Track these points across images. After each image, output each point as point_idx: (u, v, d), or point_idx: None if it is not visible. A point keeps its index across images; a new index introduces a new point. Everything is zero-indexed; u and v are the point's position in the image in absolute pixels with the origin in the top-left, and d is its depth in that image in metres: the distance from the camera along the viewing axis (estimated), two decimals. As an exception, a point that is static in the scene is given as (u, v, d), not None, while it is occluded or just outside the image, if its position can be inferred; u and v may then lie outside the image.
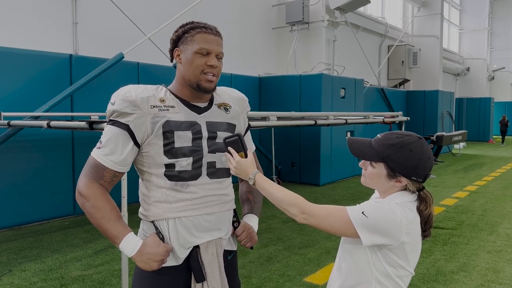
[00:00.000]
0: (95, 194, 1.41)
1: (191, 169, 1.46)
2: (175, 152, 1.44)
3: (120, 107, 1.42)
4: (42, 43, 5.82)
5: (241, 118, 1.65)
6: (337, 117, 6.08)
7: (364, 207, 1.33)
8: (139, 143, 1.44)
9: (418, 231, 1.36)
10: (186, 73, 1.48)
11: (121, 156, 1.43)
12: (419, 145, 1.36)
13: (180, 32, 1.49)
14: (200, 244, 1.48)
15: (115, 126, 1.43)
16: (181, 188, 1.46)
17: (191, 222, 1.47)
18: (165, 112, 1.45)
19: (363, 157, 1.42)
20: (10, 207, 5.18)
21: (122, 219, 1.43)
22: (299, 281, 3.63)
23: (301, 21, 9.98)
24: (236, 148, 1.48)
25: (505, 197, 7.19)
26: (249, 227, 1.65)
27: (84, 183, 1.42)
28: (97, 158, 1.43)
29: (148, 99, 1.44)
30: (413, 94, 14.37)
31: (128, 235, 1.40)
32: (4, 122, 4.52)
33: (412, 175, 1.35)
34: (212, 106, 1.56)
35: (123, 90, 1.46)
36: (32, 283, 3.56)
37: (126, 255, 1.41)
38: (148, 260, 1.38)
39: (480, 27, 22.76)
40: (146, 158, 1.47)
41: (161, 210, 1.46)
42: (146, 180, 1.50)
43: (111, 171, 1.44)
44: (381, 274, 1.35)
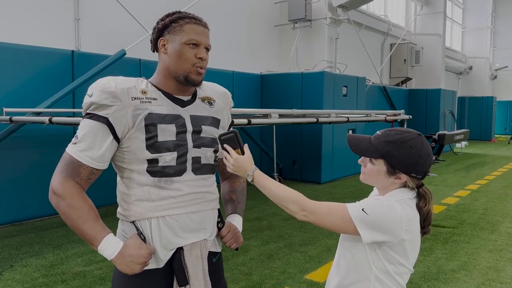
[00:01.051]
0: (70, 192, 1.32)
1: (175, 164, 1.39)
2: (158, 147, 1.36)
3: (99, 98, 1.33)
4: (44, 39, 5.82)
5: (224, 113, 1.59)
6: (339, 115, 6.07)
7: (364, 204, 1.33)
8: (119, 137, 1.36)
9: (418, 228, 1.37)
10: (172, 64, 1.40)
11: (99, 152, 1.34)
12: (419, 142, 1.36)
13: (167, 21, 1.42)
14: (184, 245, 1.41)
15: (93, 119, 1.34)
16: (165, 185, 1.38)
17: (176, 221, 1.39)
18: (147, 104, 1.37)
19: (362, 153, 1.42)
20: (11, 202, 5.19)
21: (100, 220, 1.35)
22: (299, 279, 3.63)
23: (304, 18, 9.96)
24: (232, 145, 1.43)
25: (507, 196, 7.17)
26: (234, 227, 1.59)
27: (58, 181, 1.32)
28: (73, 154, 1.34)
29: (129, 91, 1.36)
30: (415, 92, 14.34)
31: (107, 237, 1.32)
32: (6, 118, 4.53)
33: (412, 171, 1.35)
34: (195, 99, 1.50)
35: (101, 81, 1.37)
36: (33, 279, 3.57)
37: (106, 257, 1.33)
38: (129, 263, 1.30)
39: (483, 26, 22.67)
40: (127, 154, 1.38)
41: (143, 209, 1.37)
42: (126, 178, 1.41)
43: (88, 168, 1.34)
44: (380, 271, 1.35)
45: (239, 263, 3.96)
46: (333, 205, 1.35)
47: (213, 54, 8.93)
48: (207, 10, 7.94)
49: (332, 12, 10.24)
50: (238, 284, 3.49)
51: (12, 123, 4.76)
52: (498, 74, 24.24)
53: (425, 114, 13.88)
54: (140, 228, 1.39)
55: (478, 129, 19.44)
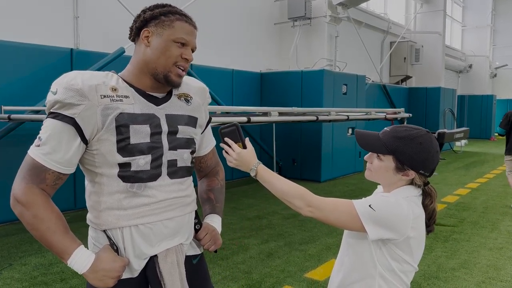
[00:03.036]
0: (36, 201, 1.21)
1: (149, 169, 1.29)
2: (131, 149, 1.26)
3: (64, 96, 1.21)
4: (43, 37, 5.80)
5: (202, 110, 1.48)
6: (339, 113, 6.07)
7: (371, 201, 1.31)
8: (87, 139, 1.24)
9: (423, 226, 1.36)
10: (153, 59, 1.30)
11: (66, 155, 1.23)
12: (428, 138, 1.36)
13: (157, 13, 1.31)
14: (158, 253, 1.33)
15: (58, 119, 1.22)
16: (138, 190, 1.28)
17: (150, 229, 1.30)
18: (117, 103, 1.25)
19: (371, 149, 1.40)
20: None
21: (69, 231, 1.26)
22: (299, 277, 3.62)
23: (303, 16, 9.94)
24: (233, 138, 1.37)
25: (507, 195, 7.17)
26: (212, 229, 1.50)
27: (21, 189, 1.21)
28: (36, 158, 1.22)
29: (98, 88, 1.24)
30: (415, 91, 14.33)
31: (77, 250, 1.23)
32: (5, 116, 4.52)
33: (421, 168, 1.35)
34: (171, 97, 1.38)
35: (67, 76, 1.26)
36: (33, 277, 3.56)
37: (77, 271, 1.24)
38: (102, 277, 1.23)
39: (483, 24, 22.65)
40: (96, 157, 1.27)
41: (114, 218, 1.28)
42: (95, 183, 1.31)
43: (54, 173, 1.24)
44: (385, 269, 1.34)
45: (239, 261, 3.95)
46: (340, 201, 1.34)
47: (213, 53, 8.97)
48: (206, 8, 7.92)
49: (332, 10, 10.22)
50: (238, 283, 3.48)
51: (10, 121, 4.75)
52: (498, 73, 24.22)
53: (425, 113, 13.87)
54: (112, 238, 1.30)
55: (478, 127, 19.43)
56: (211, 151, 1.61)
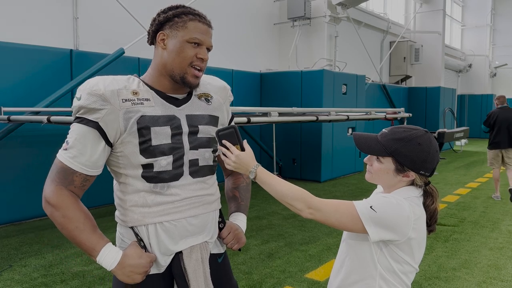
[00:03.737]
0: (65, 202, 1.26)
1: (171, 169, 1.32)
2: (152, 151, 1.29)
3: (87, 102, 1.25)
4: (43, 38, 5.79)
5: (223, 109, 1.50)
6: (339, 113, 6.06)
7: (372, 202, 1.30)
8: (111, 142, 1.29)
9: (424, 227, 1.35)
10: (170, 61, 1.32)
11: (91, 158, 1.27)
12: (426, 139, 1.35)
13: (170, 15, 1.34)
14: (183, 250, 1.35)
15: (83, 124, 1.26)
16: (161, 190, 1.32)
17: (174, 226, 1.34)
18: (139, 106, 1.29)
19: (370, 152, 1.39)
20: (10, 202, 5.17)
21: (97, 229, 1.30)
22: (300, 277, 3.62)
23: (303, 16, 9.93)
24: (231, 140, 1.35)
25: (507, 194, 7.16)
26: (235, 227, 1.52)
27: (51, 190, 1.26)
28: (64, 161, 1.27)
29: (119, 92, 1.28)
30: (415, 90, 14.33)
31: (105, 247, 1.27)
32: (4, 117, 4.51)
33: (421, 169, 1.34)
34: (191, 97, 1.41)
35: (90, 82, 1.30)
36: (33, 279, 3.55)
37: (105, 268, 1.28)
38: (130, 273, 1.26)
39: (482, 24, 22.64)
40: (121, 159, 1.31)
41: (139, 215, 1.32)
42: (121, 183, 1.35)
43: (81, 175, 1.28)
44: (386, 269, 1.33)
45: (239, 262, 3.95)
46: (340, 202, 1.33)
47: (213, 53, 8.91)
48: (206, 8, 7.89)
49: (331, 10, 10.21)
50: (238, 283, 3.47)
51: (10, 123, 4.74)
52: (497, 72, 24.22)
53: (424, 112, 13.87)
54: (139, 234, 1.34)
55: (478, 127, 19.38)
56: None
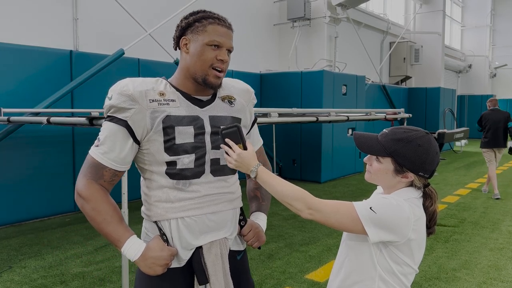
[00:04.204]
0: (95, 195, 1.34)
1: (193, 167, 1.39)
2: (176, 149, 1.36)
3: (118, 101, 1.33)
4: (43, 39, 5.79)
5: (246, 111, 1.56)
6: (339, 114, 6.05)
7: (372, 203, 1.30)
8: (139, 139, 1.37)
9: (424, 228, 1.35)
10: (192, 65, 1.39)
11: (120, 154, 1.35)
12: (426, 140, 1.34)
13: (191, 20, 1.39)
14: (203, 244, 1.41)
15: (113, 122, 1.35)
16: (183, 187, 1.39)
17: (194, 222, 1.40)
18: (165, 106, 1.36)
19: (370, 152, 1.39)
20: (10, 203, 5.17)
21: (123, 222, 1.37)
22: (300, 278, 3.61)
23: (303, 17, 9.94)
24: (234, 139, 1.37)
25: (507, 195, 7.16)
26: (256, 226, 1.57)
27: (83, 184, 1.35)
28: (95, 157, 1.35)
29: (147, 93, 1.36)
30: (414, 91, 14.33)
31: (130, 239, 1.34)
32: (4, 118, 4.51)
33: (420, 170, 1.33)
34: (215, 99, 1.47)
35: (120, 83, 1.37)
36: (32, 280, 3.55)
37: (129, 259, 1.36)
38: (152, 265, 1.33)
39: (482, 24, 22.65)
40: (147, 156, 1.39)
41: (163, 210, 1.39)
42: (147, 179, 1.43)
43: (111, 170, 1.36)
44: (385, 271, 1.33)
45: (239, 263, 3.94)
46: (340, 203, 1.32)
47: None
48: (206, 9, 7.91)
49: (331, 11, 10.22)
50: (238, 284, 3.47)
51: (10, 124, 4.74)
52: (497, 72, 24.22)
53: (424, 113, 13.87)
54: (162, 228, 1.40)
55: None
56: (258, 150, 1.67)
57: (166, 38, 6.88)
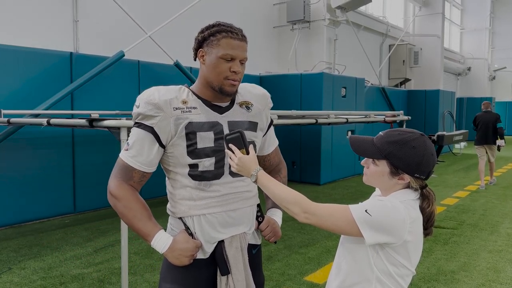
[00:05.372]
0: (125, 194, 1.46)
1: (213, 169, 1.50)
2: (198, 153, 1.47)
3: (144, 110, 1.45)
4: (43, 41, 5.81)
5: (263, 115, 1.65)
6: (338, 116, 6.07)
7: (367, 205, 1.31)
8: (164, 144, 1.48)
9: (421, 230, 1.35)
10: (209, 75, 1.49)
11: (148, 158, 1.47)
12: (421, 142, 1.35)
13: (207, 34, 1.49)
14: (224, 239, 1.52)
15: (141, 128, 1.47)
16: (205, 187, 1.50)
17: (215, 218, 1.51)
18: (187, 113, 1.47)
19: (365, 154, 1.40)
20: (10, 205, 5.17)
21: (152, 218, 1.49)
22: (299, 280, 3.62)
23: (302, 20, 9.96)
24: (237, 144, 1.45)
25: (506, 197, 7.17)
26: (273, 222, 1.69)
27: (114, 184, 1.47)
28: (125, 160, 1.48)
29: (171, 101, 1.47)
30: (414, 93, 14.35)
31: (158, 233, 1.46)
32: (4, 120, 4.51)
33: (415, 172, 1.34)
34: (233, 105, 1.57)
35: (146, 92, 1.49)
36: (32, 281, 3.55)
37: (158, 251, 1.47)
38: (179, 256, 1.44)
39: (481, 27, 22.71)
40: (171, 158, 1.50)
41: (186, 207, 1.51)
42: (171, 179, 1.54)
43: (140, 172, 1.49)
44: (382, 273, 1.33)
45: (239, 264, 3.94)
46: (336, 206, 1.33)
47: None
48: (206, 12, 7.94)
49: (330, 13, 10.24)
50: (238, 286, 3.47)
51: (10, 125, 4.74)
52: (496, 75, 24.27)
53: (424, 115, 13.88)
54: (187, 224, 1.52)
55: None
56: (274, 150, 1.83)
57: (166, 40, 6.91)
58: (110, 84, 6.05)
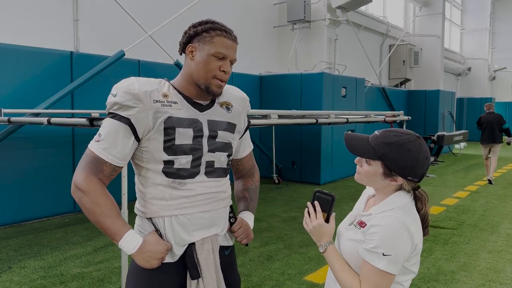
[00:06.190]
0: (94, 188, 1.36)
1: (189, 167, 1.44)
2: (175, 149, 1.41)
3: (122, 99, 1.37)
4: (43, 40, 5.81)
5: (241, 117, 1.62)
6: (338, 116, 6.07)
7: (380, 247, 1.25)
8: (140, 137, 1.41)
9: (421, 232, 1.34)
10: (196, 72, 1.44)
11: (122, 151, 1.39)
12: (417, 145, 1.31)
13: (199, 30, 1.45)
14: (195, 241, 1.46)
15: (116, 119, 1.38)
16: (178, 186, 1.44)
17: (188, 219, 1.45)
18: (167, 107, 1.41)
19: (360, 154, 1.38)
20: (10, 204, 5.17)
21: (121, 216, 1.41)
22: (299, 280, 3.62)
23: (303, 19, 9.96)
24: (324, 206, 1.38)
25: (506, 197, 7.17)
26: (245, 223, 1.64)
27: (82, 177, 1.37)
28: (96, 152, 1.39)
29: (152, 93, 1.40)
30: (414, 93, 14.35)
31: (128, 233, 1.38)
32: (5, 119, 4.51)
33: (409, 175, 1.31)
34: (214, 104, 1.53)
35: (126, 82, 1.41)
36: (32, 280, 3.55)
37: (126, 252, 1.39)
38: (148, 258, 1.37)
39: (481, 27, 22.71)
40: (145, 154, 1.43)
41: (157, 207, 1.44)
42: (142, 176, 1.47)
43: (111, 166, 1.39)
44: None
45: (239, 264, 3.95)
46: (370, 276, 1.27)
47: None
48: (206, 11, 7.93)
49: (331, 13, 10.24)
50: (238, 286, 3.47)
51: (10, 124, 4.74)
52: (496, 75, 24.27)
53: (424, 115, 13.88)
54: (156, 225, 1.45)
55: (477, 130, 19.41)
56: (248, 154, 1.75)
57: (167, 40, 6.90)
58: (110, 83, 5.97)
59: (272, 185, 8.12)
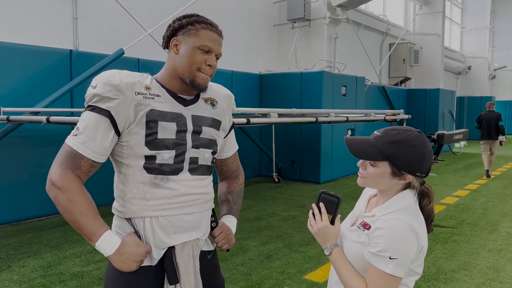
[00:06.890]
0: (71, 186, 1.29)
1: (172, 163, 1.38)
2: (157, 144, 1.36)
3: (102, 91, 1.31)
4: (42, 38, 5.79)
5: (226, 115, 1.58)
6: (338, 115, 6.07)
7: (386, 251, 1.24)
8: (120, 131, 1.34)
9: (426, 231, 1.33)
10: (181, 65, 1.40)
11: (102, 145, 1.32)
12: (421, 139, 1.31)
13: (184, 22, 1.41)
14: (175, 245, 1.41)
15: (95, 112, 1.32)
16: (160, 182, 1.37)
17: (169, 222, 1.39)
18: (150, 100, 1.36)
19: (365, 157, 1.34)
20: (9, 202, 5.16)
21: (99, 216, 1.33)
22: (299, 279, 3.61)
23: (303, 18, 9.95)
24: (329, 208, 1.35)
25: (506, 196, 7.17)
26: (227, 228, 1.58)
27: (58, 174, 1.29)
28: (73, 147, 1.31)
29: (133, 85, 1.35)
30: (414, 92, 14.34)
31: (105, 233, 1.31)
32: (4, 117, 4.51)
33: (417, 170, 1.30)
34: (198, 99, 1.49)
35: (106, 73, 1.36)
36: (31, 279, 3.54)
37: (103, 254, 1.32)
38: (127, 260, 1.31)
39: (481, 26, 22.69)
40: (125, 149, 1.37)
41: (137, 207, 1.37)
42: (122, 174, 1.40)
43: (89, 161, 1.32)
44: None
45: (238, 263, 3.94)
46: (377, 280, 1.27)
47: (212, 54, 8.78)
48: (206, 10, 7.92)
49: (331, 12, 10.22)
50: (237, 285, 3.47)
51: (9, 123, 4.73)
52: (497, 74, 24.26)
53: (424, 114, 13.88)
54: (135, 226, 1.39)
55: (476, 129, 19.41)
56: (233, 155, 1.69)
57: (166, 38, 6.89)
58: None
59: (272, 184, 8.12)
